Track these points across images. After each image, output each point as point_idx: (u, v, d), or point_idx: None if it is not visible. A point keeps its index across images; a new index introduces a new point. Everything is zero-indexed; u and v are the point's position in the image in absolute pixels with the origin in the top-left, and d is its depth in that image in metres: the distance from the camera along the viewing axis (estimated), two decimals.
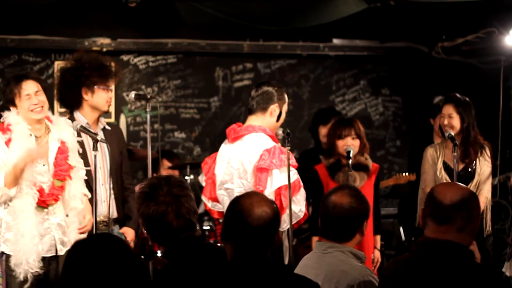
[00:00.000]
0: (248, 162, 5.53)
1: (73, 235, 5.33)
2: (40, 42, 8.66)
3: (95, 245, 2.93)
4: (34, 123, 5.33)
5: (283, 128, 5.59)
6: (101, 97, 5.86)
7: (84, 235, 5.32)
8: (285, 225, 5.40)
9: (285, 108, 5.80)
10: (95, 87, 5.83)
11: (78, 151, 5.56)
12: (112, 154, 5.82)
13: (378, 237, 6.73)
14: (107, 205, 5.76)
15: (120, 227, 6.00)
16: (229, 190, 5.60)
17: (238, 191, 5.49)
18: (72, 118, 5.79)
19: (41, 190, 5.23)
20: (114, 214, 5.88)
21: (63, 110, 6.44)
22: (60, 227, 5.34)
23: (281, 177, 5.40)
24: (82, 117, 5.87)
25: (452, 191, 3.50)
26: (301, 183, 5.50)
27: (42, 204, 5.25)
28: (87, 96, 5.85)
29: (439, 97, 7.94)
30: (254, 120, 5.74)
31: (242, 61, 9.40)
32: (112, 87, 5.97)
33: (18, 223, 5.15)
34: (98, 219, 5.71)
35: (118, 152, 6.00)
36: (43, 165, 5.26)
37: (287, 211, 5.36)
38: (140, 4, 6.91)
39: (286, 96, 5.84)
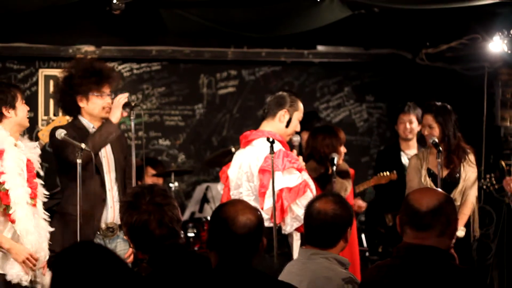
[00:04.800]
0: (255, 165, 5.59)
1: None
2: (24, 49, 8.64)
3: (79, 256, 2.91)
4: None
5: (298, 135, 5.66)
6: (96, 104, 5.77)
7: None
8: (288, 228, 5.42)
9: (297, 116, 5.81)
10: (89, 94, 5.76)
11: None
12: (117, 159, 5.84)
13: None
14: (113, 211, 5.76)
15: None
16: (241, 195, 5.64)
17: (246, 194, 5.54)
18: (77, 122, 5.81)
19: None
20: (119, 220, 5.83)
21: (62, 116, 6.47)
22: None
23: (284, 179, 5.41)
24: (88, 122, 5.82)
25: (428, 197, 3.50)
26: (310, 187, 5.48)
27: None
28: (82, 104, 5.78)
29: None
30: (265, 125, 5.80)
31: (227, 68, 9.40)
32: (108, 91, 5.85)
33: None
34: (104, 225, 5.72)
35: (122, 157, 5.94)
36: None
37: (290, 213, 5.38)
38: (124, 12, 6.87)
39: (300, 105, 5.87)
